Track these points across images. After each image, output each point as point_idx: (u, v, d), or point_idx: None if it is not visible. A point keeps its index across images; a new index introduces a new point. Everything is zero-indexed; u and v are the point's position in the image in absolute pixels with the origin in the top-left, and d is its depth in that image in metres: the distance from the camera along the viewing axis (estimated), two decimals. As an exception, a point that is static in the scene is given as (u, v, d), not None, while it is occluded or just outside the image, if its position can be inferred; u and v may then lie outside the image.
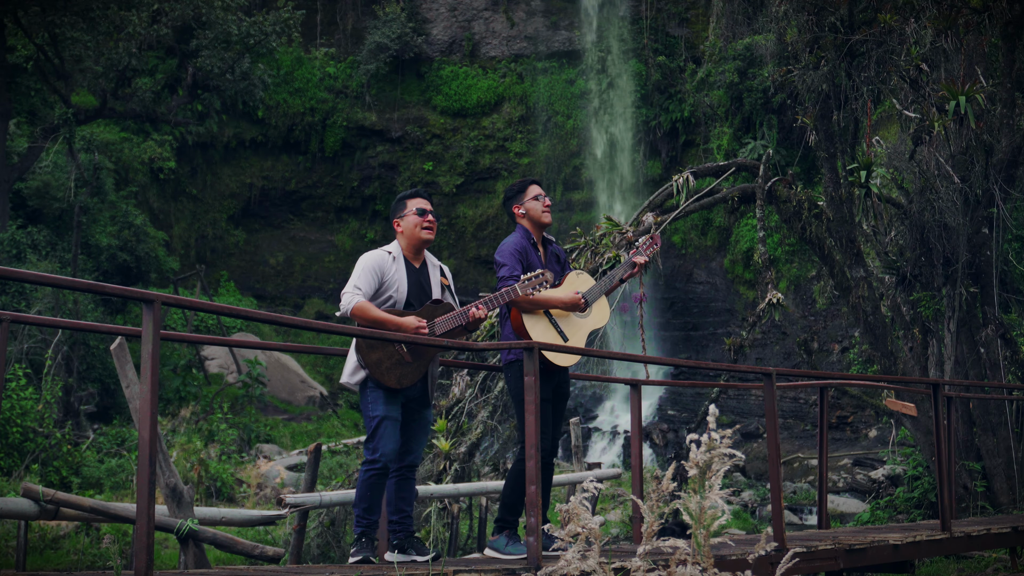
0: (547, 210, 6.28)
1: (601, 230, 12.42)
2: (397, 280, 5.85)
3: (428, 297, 5.94)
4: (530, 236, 6.26)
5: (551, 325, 6.09)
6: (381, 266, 5.84)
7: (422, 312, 5.80)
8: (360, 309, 5.67)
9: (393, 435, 5.72)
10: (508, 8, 31.12)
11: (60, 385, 17.07)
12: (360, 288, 5.74)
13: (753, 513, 18.49)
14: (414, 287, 5.89)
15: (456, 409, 12.18)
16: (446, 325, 5.79)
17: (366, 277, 5.78)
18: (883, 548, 7.39)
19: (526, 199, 6.26)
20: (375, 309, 5.69)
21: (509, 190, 6.36)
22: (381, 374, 5.68)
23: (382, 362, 5.69)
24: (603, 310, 6.31)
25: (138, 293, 4.46)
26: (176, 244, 28.54)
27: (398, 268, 5.88)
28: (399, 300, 5.83)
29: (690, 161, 27.12)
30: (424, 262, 6.03)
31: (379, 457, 5.68)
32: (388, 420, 5.70)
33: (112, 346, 7.09)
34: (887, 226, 13.41)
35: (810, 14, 11.94)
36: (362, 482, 5.74)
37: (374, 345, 5.69)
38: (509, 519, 6.06)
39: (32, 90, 24.14)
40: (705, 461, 4.17)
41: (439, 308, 5.85)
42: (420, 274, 5.97)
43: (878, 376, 12.54)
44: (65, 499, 7.28)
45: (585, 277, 6.30)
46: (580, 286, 6.22)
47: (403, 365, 5.71)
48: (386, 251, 5.96)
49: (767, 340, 25.23)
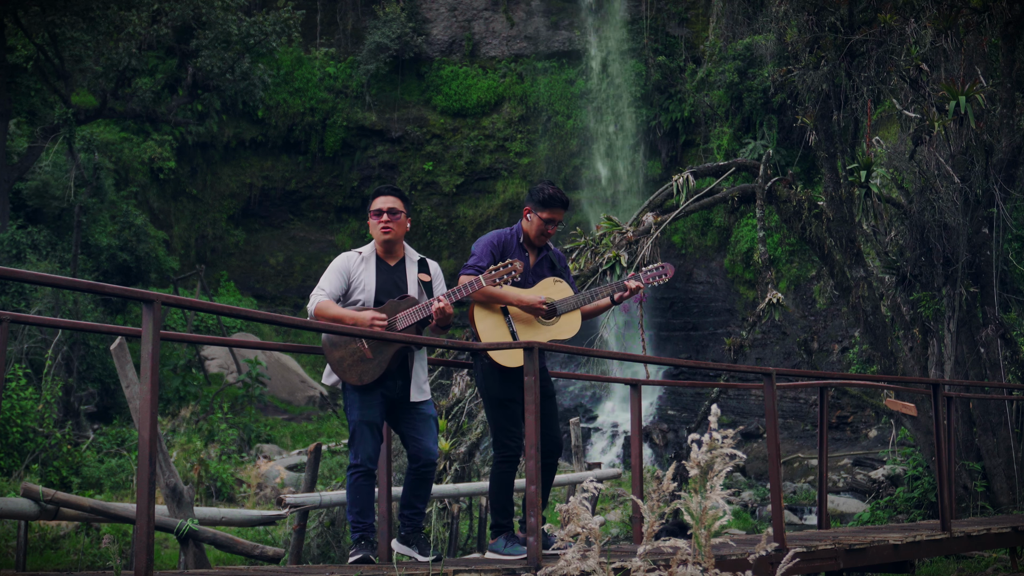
0: (547, 237, 6.10)
1: (601, 230, 12.43)
2: (364, 280, 5.87)
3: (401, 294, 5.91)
4: (520, 236, 6.13)
5: (504, 322, 5.93)
6: (347, 267, 5.89)
7: (384, 308, 5.77)
8: (320, 309, 5.75)
9: (372, 438, 5.72)
10: (508, 8, 31.12)
11: (60, 385, 17.07)
12: (324, 289, 5.82)
13: (753, 513, 18.49)
14: (385, 285, 5.87)
15: (456, 409, 12.19)
16: (408, 319, 5.74)
17: (330, 277, 5.86)
18: (883, 548, 7.39)
19: (540, 214, 6.04)
20: (334, 307, 5.73)
21: (534, 192, 6.11)
22: (343, 372, 5.72)
23: (344, 360, 5.72)
24: (573, 323, 6.08)
25: (138, 293, 4.46)
26: (176, 244, 28.54)
27: (366, 268, 5.90)
28: (367, 300, 5.84)
29: (690, 161, 27.11)
30: (402, 260, 6.00)
31: (362, 461, 5.71)
32: (364, 424, 5.71)
33: (112, 346, 7.09)
34: (887, 226, 13.41)
35: (810, 14, 11.95)
36: (349, 486, 5.76)
37: (335, 344, 5.74)
38: (503, 522, 6.02)
39: (32, 90, 24.15)
40: (707, 461, 4.17)
41: (402, 303, 5.80)
42: (395, 272, 5.95)
43: (878, 376, 12.54)
44: (65, 499, 7.29)
45: (563, 286, 6.10)
46: (553, 293, 6.04)
47: (364, 362, 5.68)
48: (357, 252, 6.01)
49: (767, 340, 25.23)
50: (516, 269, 5.71)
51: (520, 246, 6.12)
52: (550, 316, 6.00)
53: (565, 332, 6.05)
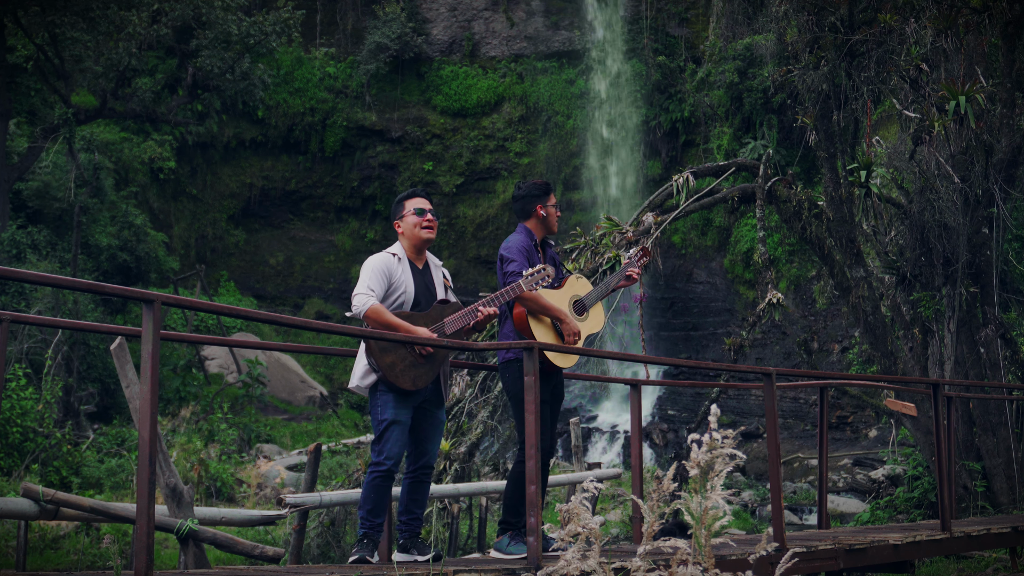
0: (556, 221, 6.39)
1: (601, 230, 12.42)
2: (404, 281, 5.84)
3: (434, 297, 5.95)
4: (534, 237, 6.27)
5: (552, 327, 6.10)
6: (389, 267, 5.84)
7: (431, 312, 5.80)
8: (375, 312, 5.65)
9: (400, 439, 5.72)
10: (508, 8, 31.12)
11: (60, 385, 17.07)
12: (374, 290, 5.72)
13: (753, 513, 18.49)
14: (420, 287, 5.90)
15: (456, 409, 12.19)
16: (455, 324, 5.79)
17: (377, 279, 5.77)
18: (883, 548, 7.39)
19: (548, 203, 6.28)
20: (388, 314, 5.67)
21: (534, 188, 6.29)
22: (396, 376, 5.65)
23: (395, 364, 5.66)
24: (599, 315, 6.34)
25: (138, 293, 4.46)
26: (176, 244, 28.54)
27: (404, 269, 5.88)
28: (407, 301, 5.82)
29: (690, 161, 27.11)
30: (427, 263, 6.04)
31: (385, 460, 5.68)
32: (397, 424, 5.69)
33: (112, 346, 7.09)
34: (887, 226, 13.40)
35: (810, 14, 11.94)
36: (367, 484, 5.74)
37: (387, 348, 5.66)
38: (512, 520, 6.05)
39: (32, 90, 24.15)
40: (707, 461, 4.17)
41: (447, 308, 5.85)
42: (424, 275, 5.97)
43: (878, 376, 12.54)
44: (65, 499, 7.28)
45: (584, 281, 6.33)
46: (579, 290, 6.27)
47: (417, 367, 5.69)
48: (391, 253, 5.95)
49: (767, 340, 25.23)
50: (549, 274, 5.90)
51: (535, 247, 6.26)
52: (581, 312, 6.22)
53: (596, 325, 6.31)
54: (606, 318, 6.66)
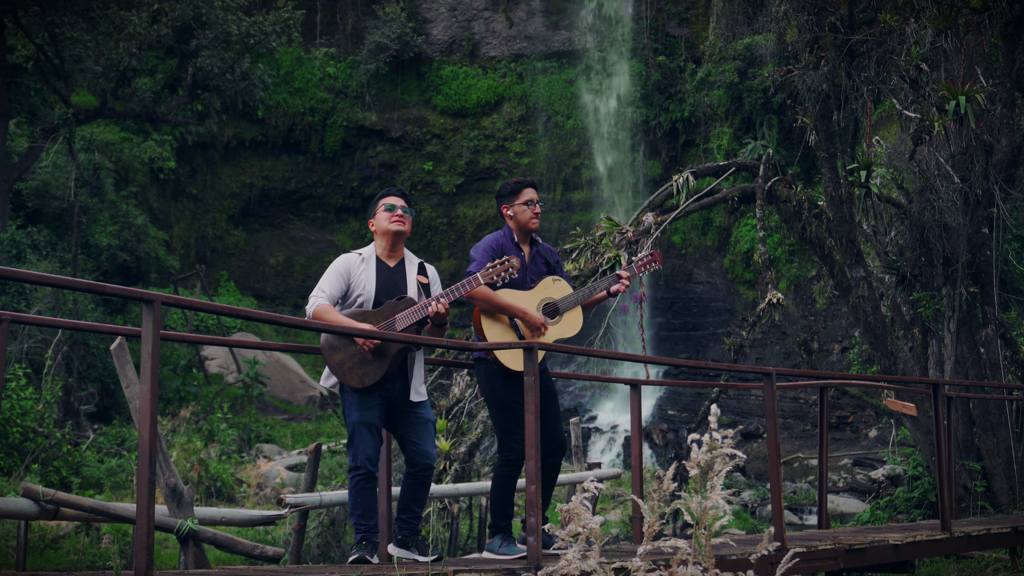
0: (535, 217, 6.17)
1: (601, 230, 12.43)
2: (364, 280, 5.87)
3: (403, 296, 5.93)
4: (512, 235, 6.20)
5: (510, 327, 5.98)
6: (347, 268, 5.89)
7: (383, 309, 5.79)
8: (318, 313, 5.73)
9: (371, 440, 5.72)
10: (508, 8, 31.12)
11: (60, 385, 17.07)
12: (324, 291, 5.80)
13: (753, 513, 18.49)
14: (385, 286, 5.89)
15: (456, 409, 12.19)
16: (406, 320, 5.76)
17: (330, 279, 5.85)
18: (883, 548, 7.39)
19: (516, 202, 6.16)
20: (332, 312, 5.72)
21: (503, 188, 6.27)
22: (344, 375, 5.72)
23: (344, 362, 5.72)
24: (575, 320, 6.14)
25: (138, 293, 4.46)
26: (176, 244, 28.55)
27: (367, 269, 5.91)
28: (367, 300, 5.85)
29: (690, 161, 27.11)
30: (401, 261, 6.02)
31: (360, 463, 5.71)
32: (363, 425, 5.72)
33: (112, 346, 7.09)
34: (887, 226, 13.41)
35: (810, 14, 11.94)
36: (351, 490, 5.77)
37: (335, 347, 5.73)
38: (501, 524, 6.04)
39: (32, 90, 24.14)
40: (707, 461, 4.17)
41: (400, 304, 5.82)
42: (395, 273, 5.96)
43: (878, 376, 12.54)
44: (65, 499, 7.28)
45: (562, 284, 6.16)
46: (554, 292, 6.10)
47: (364, 364, 5.70)
48: (357, 253, 6.01)
49: (767, 340, 25.23)
50: (513, 265, 5.78)
51: (515, 245, 6.17)
52: (553, 315, 6.05)
53: (568, 330, 6.11)
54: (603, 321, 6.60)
